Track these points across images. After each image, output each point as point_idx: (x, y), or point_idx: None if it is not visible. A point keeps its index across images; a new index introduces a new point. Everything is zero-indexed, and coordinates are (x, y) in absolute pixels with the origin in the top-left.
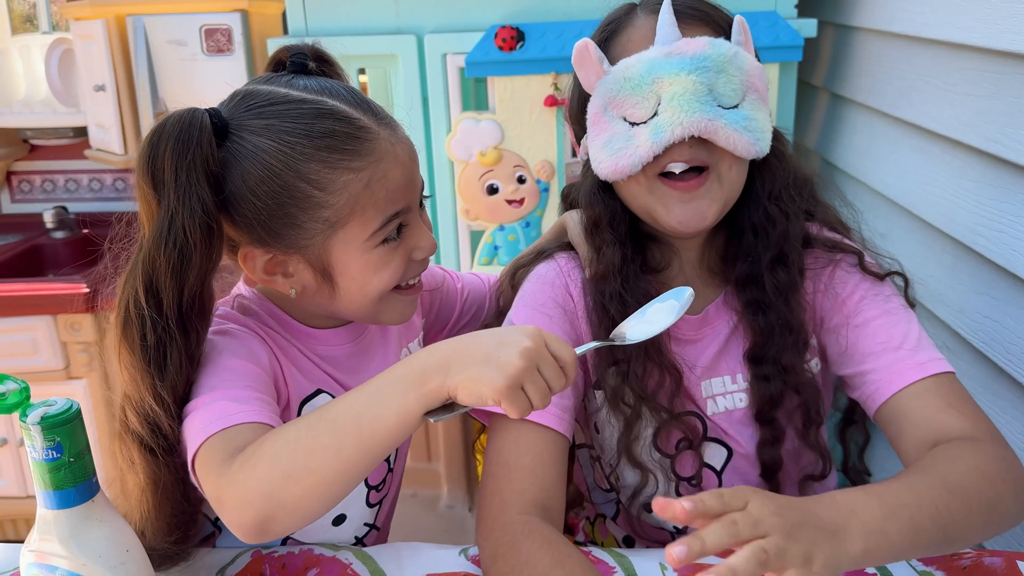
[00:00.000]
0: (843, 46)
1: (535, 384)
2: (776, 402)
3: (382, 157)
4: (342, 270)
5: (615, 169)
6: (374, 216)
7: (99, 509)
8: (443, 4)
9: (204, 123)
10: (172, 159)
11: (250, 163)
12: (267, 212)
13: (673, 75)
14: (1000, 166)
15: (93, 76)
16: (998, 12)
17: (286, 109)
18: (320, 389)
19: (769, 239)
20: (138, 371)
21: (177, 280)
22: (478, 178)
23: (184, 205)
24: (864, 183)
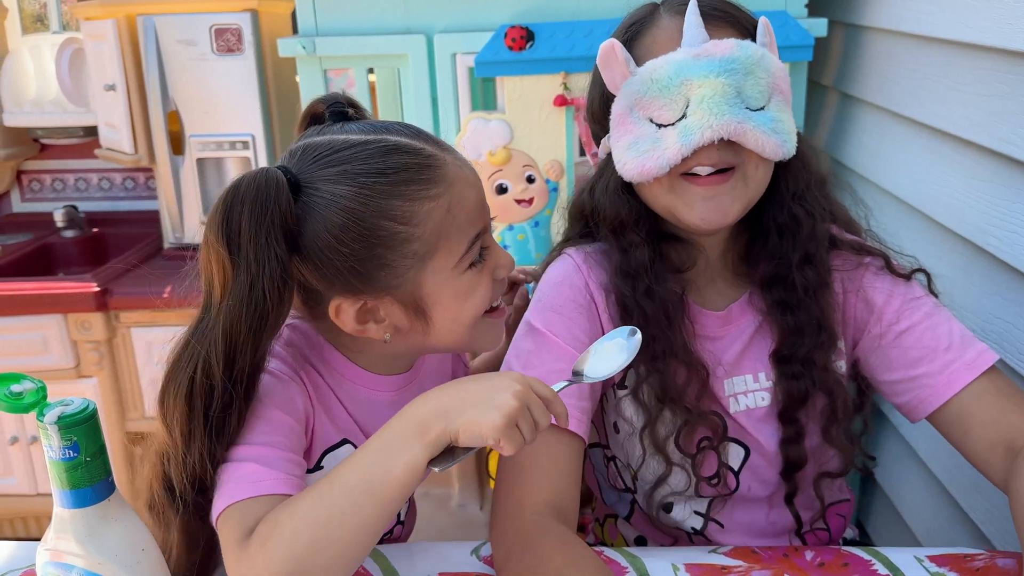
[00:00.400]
0: (853, 46)
1: (527, 422)
2: (803, 401)
3: (454, 182)
4: (435, 302)
5: (641, 171)
6: (458, 241)
7: (115, 508)
8: (452, 4)
9: (280, 182)
10: (251, 220)
11: (331, 212)
12: (355, 258)
13: (702, 77)
14: (1012, 166)
15: (103, 76)
16: (1011, 12)
17: (353, 153)
18: (346, 439)
19: (796, 239)
20: (196, 435)
21: (255, 344)
22: (487, 178)
23: (264, 268)
24: (874, 183)
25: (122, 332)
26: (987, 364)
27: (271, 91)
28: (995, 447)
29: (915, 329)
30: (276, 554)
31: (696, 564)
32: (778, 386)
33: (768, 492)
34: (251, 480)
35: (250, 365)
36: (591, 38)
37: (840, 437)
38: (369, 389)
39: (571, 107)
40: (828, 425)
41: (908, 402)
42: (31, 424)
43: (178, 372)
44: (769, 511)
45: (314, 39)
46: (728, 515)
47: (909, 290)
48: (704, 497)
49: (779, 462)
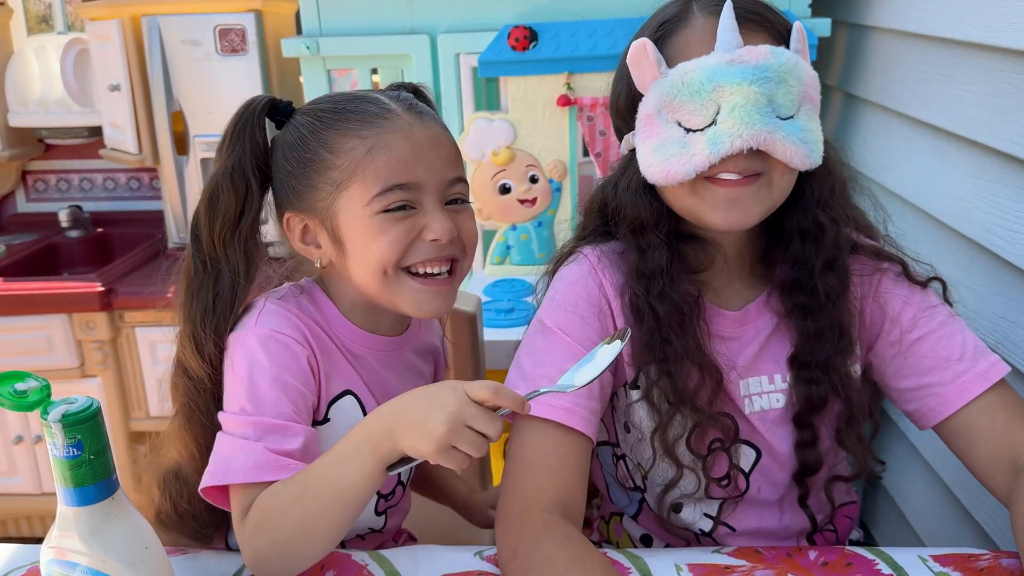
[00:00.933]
0: (857, 46)
1: (465, 440)
2: (821, 406)
3: (392, 131)
4: (348, 234)
5: (667, 175)
6: (372, 182)
7: (119, 506)
8: (456, 4)
9: (262, 104)
10: (232, 124)
11: (288, 133)
12: (293, 174)
13: (735, 84)
14: (1017, 166)
15: (108, 76)
16: (1016, 11)
17: (335, 96)
18: (348, 390)
19: (820, 245)
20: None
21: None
22: (491, 178)
23: (234, 155)
24: (879, 183)
25: (126, 332)
26: (999, 376)
27: (275, 91)
28: (999, 461)
29: (929, 338)
30: (264, 542)
31: (699, 564)
32: (795, 390)
33: (779, 495)
34: (257, 464)
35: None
36: (594, 38)
37: (854, 441)
38: (363, 347)
39: (574, 107)
40: (842, 429)
41: (918, 410)
42: (36, 424)
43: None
44: (781, 515)
45: (318, 39)
46: (739, 518)
47: (925, 298)
48: (714, 499)
49: (792, 465)
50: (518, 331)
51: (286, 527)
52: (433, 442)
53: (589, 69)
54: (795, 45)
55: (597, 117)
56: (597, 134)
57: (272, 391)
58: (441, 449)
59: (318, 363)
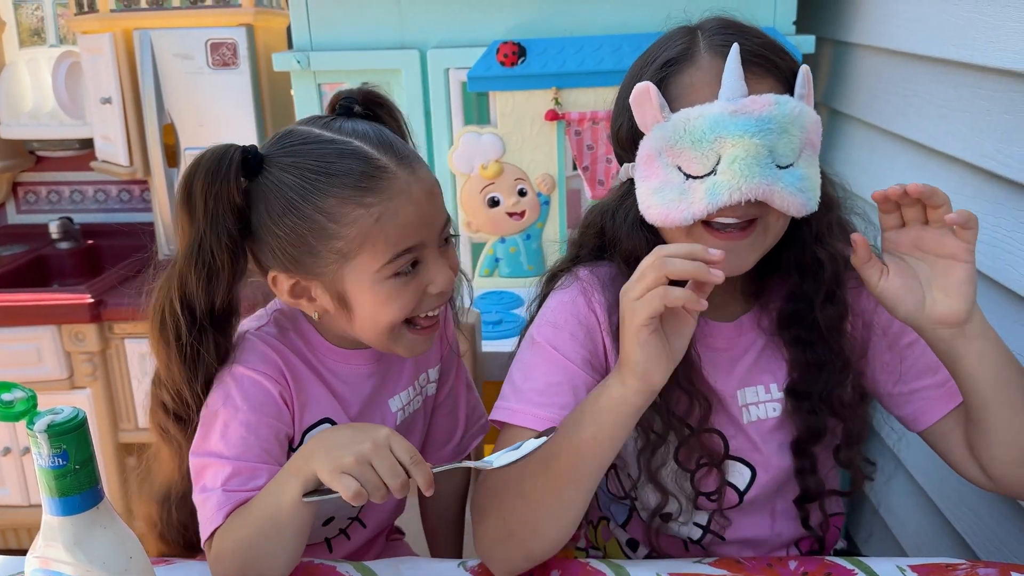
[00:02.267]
0: (841, 62)
1: (365, 476)
2: (820, 434)
3: (395, 195)
4: (355, 299)
5: (665, 219)
6: (384, 250)
7: (103, 516)
8: (446, 20)
9: (234, 158)
10: (203, 189)
11: (274, 196)
12: (287, 241)
13: (736, 136)
14: (996, 182)
15: (100, 89)
16: (995, 31)
17: (313, 148)
18: (326, 418)
19: (819, 280)
20: (173, 365)
21: (207, 293)
22: (479, 191)
23: (211, 231)
24: (863, 198)
25: (115, 343)
26: None
27: (266, 105)
28: None
29: (919, 343)
30: (227, 562)
31: (681, 574)
32: (795, 420)
33: (771, 505)
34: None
35: (212, 310)
36: (582, 54)
37: (852, 459)
38: (348, 364)
39: (562, 122)
40: (840, 448)
41: (911, 414)
42: (24, 435)
43: (153, 311)
44: (773, 522)
45: (308, 54)
46: (729, 528)
47: None
48: (704, 510)
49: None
50: (507, 342)
51: (238, 552)
52: (333, 465)
53: (577, 84)
54: (800, 91)
55: (584, 132)
56: (584, 148)
57: (243, 434)
58: (335, 471)
59: (292, 395)
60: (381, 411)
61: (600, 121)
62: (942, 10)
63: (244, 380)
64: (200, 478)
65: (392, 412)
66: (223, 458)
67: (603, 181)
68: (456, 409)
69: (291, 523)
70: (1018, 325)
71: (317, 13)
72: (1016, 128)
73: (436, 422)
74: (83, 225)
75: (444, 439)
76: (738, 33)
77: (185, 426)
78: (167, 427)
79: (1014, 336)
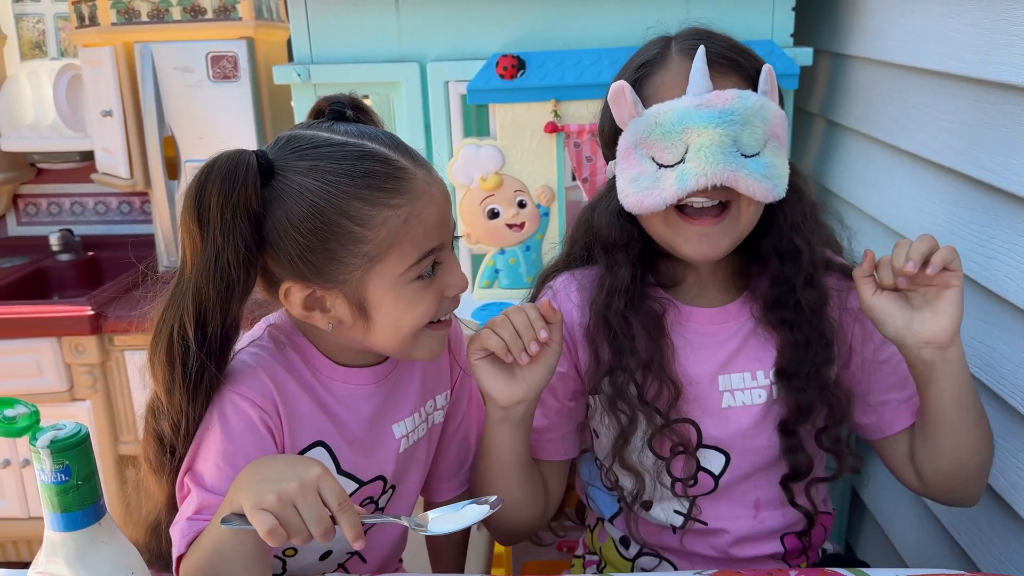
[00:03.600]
0: (839, 74)
1: (286, 516)
2: (807, 413)
3: (419, 195)
4: (377, 305)
5: (641, 205)
6: (411, 251)
7: (105, 531)
8: (446, 33)
9: (251, 164)
10: (218, 198)
11: (294, 201)
12: (309, 247)
13: (701, 127)
14: (992, 194)
15: (100, 102)
16: (991, 44)
17: (330, 151)
18: (318, 441)
19: (798, 265)
20: (176, 390)
21: (223, 311)
22: (479, 203)
23: (228, 242)
24: (860, 209)
25: (116, 356)
26: None
27: (266, 117)
28: None
29: (894, 359)
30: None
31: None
32: (784, 398)
33: (755, 496)
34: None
35: (222, 328)
36: (581, 67)
37: (833, 442)
38: (347, 383)
39: (561, 134)
40: (822, 432)
41: (874, 423)
42: (24, 448)
43: (159, 334)
44: (757, 513)
45: (309, 67)
46: (710, 514)
47: None
48: (684, 497)
49: (770, 465)
50: None
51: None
52: (255, 499)
53: (576, 97)
54: (763, 87)
55: (584, 144)
56: (584, 160)
57: (219, 463)
58: (254, 509)
59: (281, 419)
60: (384, 436)
61: None
62: (940, 23)
63: (227, 406)
64: (182, 500)
65: (396, 439)
66: (198, 486)
67: None
68: (467, 438)
69: (235, 552)
70: (1016, 337)
71: (317, 26)
72: (1014, 141)
73: (448, 452)
74: (83, 237)
75: (456, 468)
76: (707, 38)
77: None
78: (160, 461)
79: (1013, 348)
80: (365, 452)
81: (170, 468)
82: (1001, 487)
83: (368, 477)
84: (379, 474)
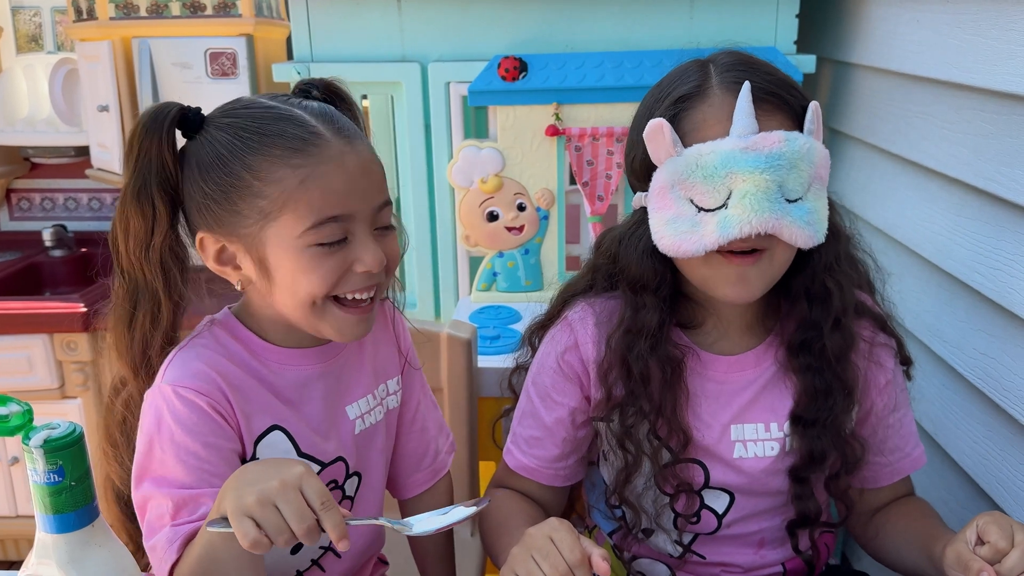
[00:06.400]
0: (842, 82)
1: (267, 518)
2: (820, 461)
3: (324, 160)
4: (276, 264)
5: (678, 250)
6: (306, 214)
7: (99, 534)
8: (447, 34)
9: (171, 113)
10: (139, 135)
11: (205, 151)
12: (213, 197)
13: (747, 172)
14: (997, 204)
15: (97, 96)
16: (997, 53)
17: (252, 111)
18: (275, 425)
19: (828, 308)
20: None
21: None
22: (478, 205)
23: (150, 169)
24: (862, 218)
25: (108, 353)
26: (922, 463)
27: None
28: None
29: (898, 422)
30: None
31: None
32: (798, 446)
33: (760, 536)
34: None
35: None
36: (583, 70)
37: (843, 491)
38: (293, 366)
39: (562, 137)
40: (831, 478)
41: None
42: (13, 445)
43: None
44: (759, 550)
45: (309, 65)
46: (710, 550)
47: (902, 380)
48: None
49: (777, 511)
50: (503, 358)
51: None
52: (236, 504)
53: (577, 100)
54: (809, 126)
55: (585, 147)
56: (585, 164)
57: (180, 457)
58: (236, 514)
59: (233, 407)
60: (339, 417)
61: (600, 137)
62: (943, 32)
63: (173, 401)
64: (143, 512)
65: (350, 420)
66: (163, 488)
67: (603, 197)
68: (426, 428)
69: (229, 554)
70: (1018, 348)
71: (318, 24)
72: (1018, 151)
73: (408, 442)
74: (77, 233)
75: (418, 459)
76: (750, 69)
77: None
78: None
79: (1016, 359)
80: (322, 434)
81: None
82: (1002, 499)
83: (328, 459)
84: (339, 455)
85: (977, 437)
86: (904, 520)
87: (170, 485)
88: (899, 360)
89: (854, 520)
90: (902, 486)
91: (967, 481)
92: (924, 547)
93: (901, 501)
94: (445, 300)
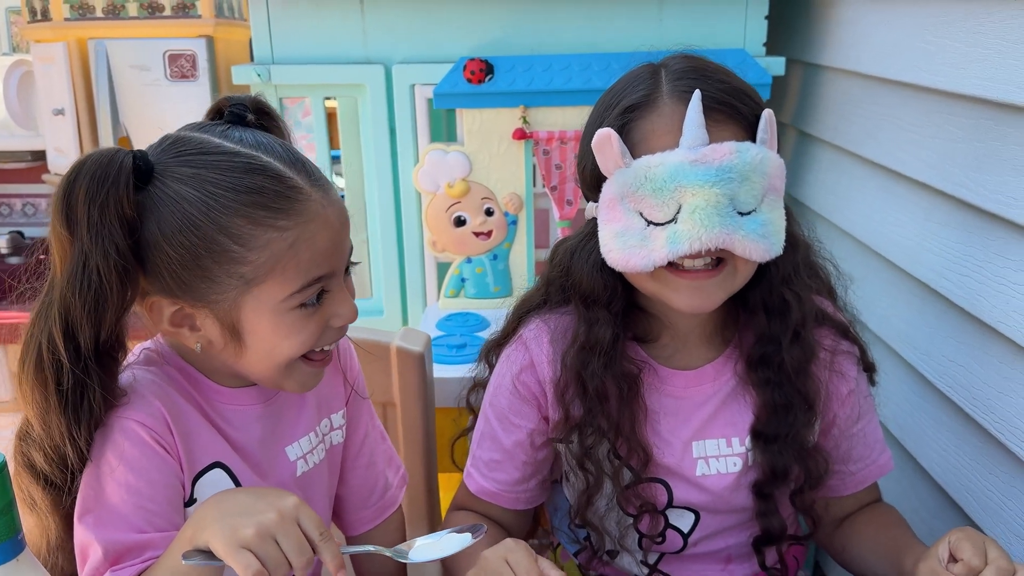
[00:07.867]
0: (811, 85)
1: (267, 552)
2: (783, 477)
3: (311, 219)
4: (251, 330)
5: (627, 264)
6: (294, 278)
7: (25, 567)
8: (412, 35)
9: (124, 165)
10: (86, 198)
11: (169, 211)
12: (180, 263)
13: (697, 186)
14: (965, 210)
15: (52, 100)
16: (965, 57)
17: (216, 160)
18: (217, 462)
19: (786, 321)
20: (52, 414)
21: (93, 323)
22: (445, 210)
23: (97, 247)
24: (831, 221)
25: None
26: (888, 468)
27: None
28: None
29: (862, 431)
30: None
31: None
32: (760, 461)
33: (727, 553)
34: None
35: (96, 343)
36: (550, 73)
37: (810, 504)
38: (233, 405)
39: (530, 140)
40: (797, 494)
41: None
42: None
43: (28, 348)
44: (726, 565)
45: (270, 67)
46: (677, 569)
47: (865, 386)
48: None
49: (742, 527)
50: (469, 367)
51: None
52: (230, 536)
53: (545, 103)
54: (762, 136)
55: (553, 151)
56: (553, 168)
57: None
58: (232, 547)
59: (175, 440)
60: (278, 459)
61: (568, 141)
62: (913, 35)
63: (116, 435)
64: (84, 556)
65: (291, 461)
66: (107, 529)
67: (571, 201)
68: (374, 463)
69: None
70: (990, 357)
71: (279, 25)
72: (986, 156)
73: (354, 478)
74: (34, 239)
75: (364, 496)
76: (701, 77)
77: (59, 494)
78: (33, 495)
79: (985, 366)
80: (263, 474)
81: (43, 504)
82: (972, 511)
83: None
84: None
85: (946, 445)
86: (872, 528)
87: (115, 526)
88: (862, 367)
89: (822, 530)
90: (869, 493)
91: (937, 490)
92: (894, 560)
93: (868, 508)
94: (412, 307)
